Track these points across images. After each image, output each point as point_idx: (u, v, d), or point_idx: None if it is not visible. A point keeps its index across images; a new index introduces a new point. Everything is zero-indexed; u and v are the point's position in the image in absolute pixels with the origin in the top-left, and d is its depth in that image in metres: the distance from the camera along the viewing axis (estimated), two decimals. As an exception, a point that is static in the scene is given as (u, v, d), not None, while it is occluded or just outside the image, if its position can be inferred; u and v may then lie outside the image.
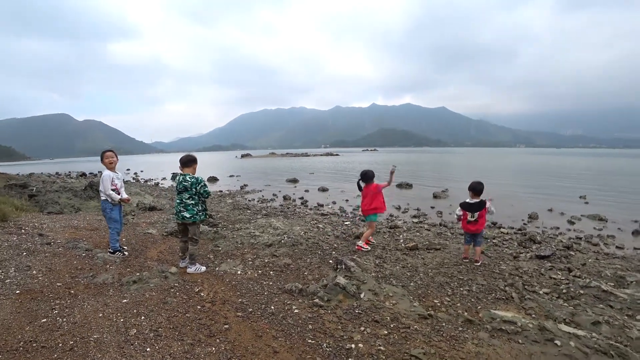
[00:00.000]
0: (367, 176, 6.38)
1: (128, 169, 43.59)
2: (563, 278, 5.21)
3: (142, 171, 39.78)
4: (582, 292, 4.69)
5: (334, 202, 14.30)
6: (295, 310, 3.67)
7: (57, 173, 38.07)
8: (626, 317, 4.03)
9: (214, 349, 2.92)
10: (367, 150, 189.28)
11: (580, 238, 8.82)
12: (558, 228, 9.94)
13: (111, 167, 5.25)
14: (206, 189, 4.77)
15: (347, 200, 14.74)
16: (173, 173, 29.90)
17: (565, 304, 4.36)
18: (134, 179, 29.01)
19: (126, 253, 5.43)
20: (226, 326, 3.29)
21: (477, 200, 5.56)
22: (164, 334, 3.11)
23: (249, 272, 4.83)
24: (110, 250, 5.28)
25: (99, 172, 35.50)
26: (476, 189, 5.56)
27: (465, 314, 3.87)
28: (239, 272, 4.81)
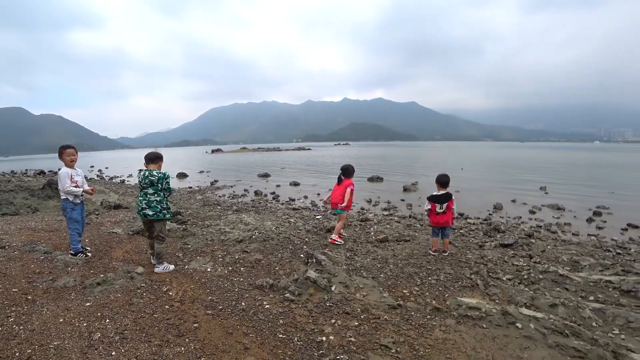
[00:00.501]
0: (347, 171, 6.45)
1: (92, 166, 41.67)
2: (524, 264, 5.48)
3: (107, 168, 38.17)
4: (541, 277, 4.95)
5: (306, 197, 14.32)
6: (266, 306, 3.66)
7: (12, 171, 35.84)
8: (580, 299, 4.30)
9: (183, 348, 2.87)
10: (339, 144, 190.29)
11: (541, 226, 9.30)
12: (520, 217, 10.43)
13: (71, 164, 5.01)
14: (170, 185, 4.71)
15: (318, 195, 14.80)
16: (140, 170, 28.88)
17: (526, 289, 4.59)
18: (98, 176, 27.80)
19: (89, 254, 5.19)
20: (196, 325, 3.24)
21: (444, 191, 5.72)
22: (130, 336, 3.02)
23: (219, 269, 4.76)
24: (71, 252, 5.03)
25: (59, 169, 33.73)
26: (441, 181, 5.74)
27: (434, 302, 3.99)
28: (208, 270, 4.73)
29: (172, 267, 4.74)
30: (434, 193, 5.80)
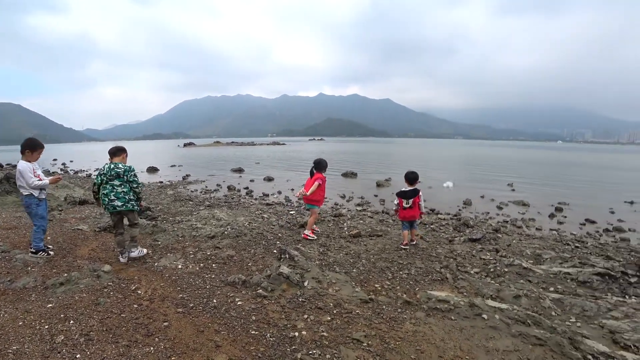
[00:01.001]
0: (320, 165, 6.41)
1: (55, 159, 39.57)
2: (491, 258, 5.70)
3: (71, 161, 36.40)
4: (506, 270, 5.16)
5: (280, 192, 14.25)
6: (239, 302, 3.63)
7: (-35, 164, 33.62)
8: (541, 290, 4.52)
9: (152, 348, 2.80)
10: (314, 139, 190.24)
11: (507, 222, 9.69)
12: (489, 213, 10.83)
13: (35, 160, 4.79)
14: (136, 178, 4.78)
15: (292, 190, 14.77)
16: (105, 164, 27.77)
17: (492, 282, 4.77)
18: (62, 170, 26.50)
19: (51, 253, 4.95)
20: (165, 324, 3.17)
21: (412, 188, 5.97)
22: (96, 337, 2.91)
23: (191, 266, 4.68)
24: (32, 250, 4.79)
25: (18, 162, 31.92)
26: (409, 177, 6.06)
27: (404, 296, 4.09)
28: (179, 267, 4.63)
29: (145, 250, 5.01)
30: (402, 189, 6.04)
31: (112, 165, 4.61)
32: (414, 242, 6.21)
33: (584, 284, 4.75)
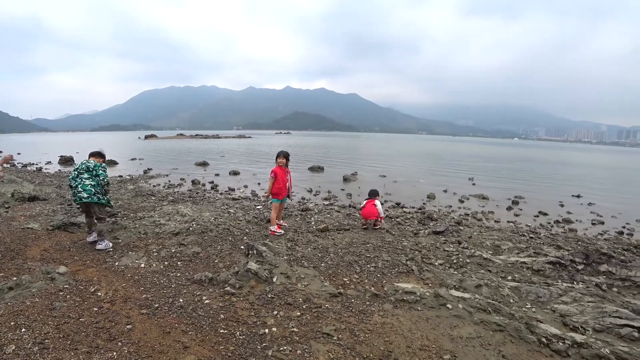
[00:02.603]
0: (277, 156, 6.44)
1: (0, 151, 36.63)
2: (454, 250, 5.93)
3: (19, 154, 33.82)
4: (468, 260, 5.39)
5: (246, 186, 14.04)
6: (206, 301, 3.54)
7: None
8: (500, 279, 4.76)
9: (115, 353, 2.67)
10: (281, 133, 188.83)
11: (468, 214, 10.11)
12: (451, 206, 11.24)
13: None
14: (104, 173, 5.14)
15: (259, 184, 14.59)
16: (61, 156, 26.10)
17: (455, 272, 4.97)
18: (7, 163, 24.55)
19: None
20: (129, 326, 3.03)
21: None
22: (52, 345, 2.73)
23: (154, 265, 4.50)
24: None
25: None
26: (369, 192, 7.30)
27: (372, 289, 4.17)
28: (142, 266, 4.45)
29: (111, 244, 5.11)
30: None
31: (85, 161, 5.12)
32: (377, 227, 7.05)
33: (538, 272, 5.05)
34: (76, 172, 5.03)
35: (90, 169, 5.05)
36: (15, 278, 3.83)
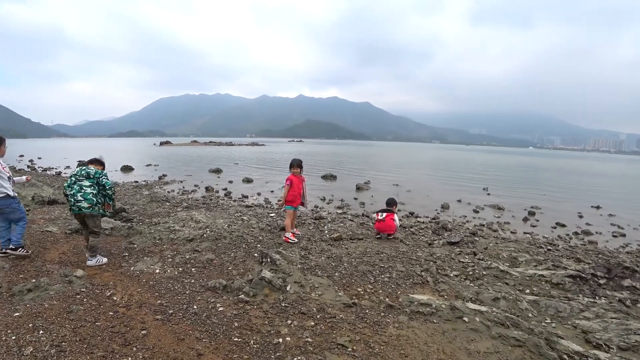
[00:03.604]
0: (291, 165, 6.45)
1: (21, 155, 37.63)
2: (469, 261, 5.81)
3: (39, 158, 34.75)
4: (484, 272, 5.28)
5: (259, 194, 14.09)
6: (220, 308, 3.54)
7: None
8: (518, 292, 4.65)
9: (130, 358, 2.68)
10: (293, 140, 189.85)
11: (483, 225, 9.93)
12: (466, 216, 11.07)
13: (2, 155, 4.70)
14: (108, 180, 4.76)
15: (272, 192, 14.64)
16: (79, 161, 26.74)
17: (471, 284, 4.87)
18: (29, 167, 25.25)
19: (29, 251, 4.83)
20: (144, 332, 3.04)
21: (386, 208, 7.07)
22: (68, 348, 2.76)
23: (169, 270, 4.53)
24: (11, 246, 4.63)
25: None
26: (387, 202, 7.27)
27: (387, 299, 4.10)
28: (157, 271, 4.48)
29: (105, 260, 4.72)
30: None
31: (84, 167, 4.65)
32: (392, 236, 6.96)
33: (557, 286, 4.91)
34: (74, 179, 4.54)
35: (91, 176, 4.58)
36: (34, 280, 3.91)
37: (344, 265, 5.18)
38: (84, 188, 4.47)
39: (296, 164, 6.35)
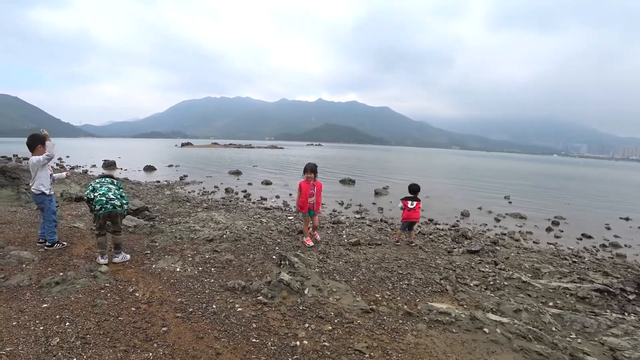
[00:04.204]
0: (303, 170, 6.30)
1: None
2: (490, 271, 5.68)
3: (68, 157, 36.11)
4: (506, 283, 5.15)
5: (277, 196, 14.19)
6: (239, 309, 3.57)
7: (-42, 155, 33.27)
8: (541, 304, 4.51)
9: (150, 354, 2.74)
10: (312, 144, 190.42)
11: (505, 234, 9.69)
12: (486, 225, 10.83)
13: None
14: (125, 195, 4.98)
15: (290, 195, 14.70)
16: (105, 160, 27.61)
17: (492, 295, 4.76)
18: (58, 165, 26.24)
19: (65, 243, 5.18)
20: (164, 329, 3.10)
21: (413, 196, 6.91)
22: (92, 341, 2.84)
23: (189, 269, 4.61)
24: (48, 244, 4.97)
25: (13, 155, 31.60)
26: (412, 188, 6.99)
27: (405, 307, 4.05)
28: (177, 270, 4.56)
29: (128, 256, 4.87)
30: (407, 196, 6.89)
31: (106, 178, 4.84)
32: (413, 244, 6.90)
33: (583, 300, 4.74)
34: (99, 184, 4.67)
35: (115, 183, 4.81)
36: (61, 273, 4.04)
37: (362, 271, 5.15)
38: (112, 189, 4.66)
39: (308, 169, 6.16)
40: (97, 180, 4.71)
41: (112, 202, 4.56)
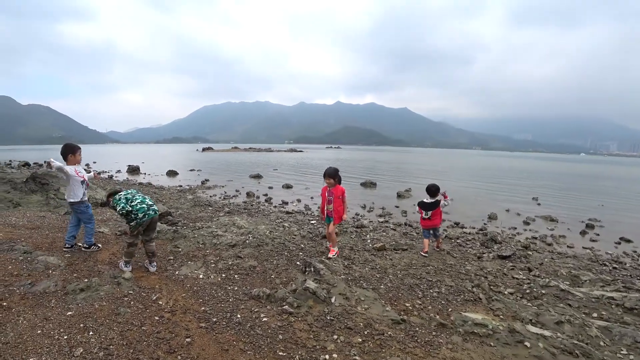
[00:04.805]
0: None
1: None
2: (524, 278, 5.38)
3: (94, 162, 37.30)
4: (543, 291, 4.84)
5: (299, 200, 14.08)
6: (264, 319, 3.42)
7: (-5, 162, 34.85)
8: (584, 315, 4.19)
9: (174, 367, 2.62)
10: (331, 147, 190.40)
11: (536, 238, 9.25)
12: (515, 228, 10.38)
13: (78, 162, 5.20)
14: None
15: (312, 198, 14.58)
16: (129, 165, 28.28)
17: (529, 304, 4.46)
18: (85, 170, 27.07)
19: (100, 245, 5.30)
20: (188, 339, 2.98)
21: (432, 200, 6.16)
22: (115, 352, 2.74)
23: (212, 276, 4.50)
24: (85, 245, 5.10)
25: (44, 162, 32.81)
26: (430, 189, 6.27)
27: (438, 317, 3.83)
28: (201, 276, 4.47)
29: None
30: (424, 200, 6.31)
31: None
32: (439, 249, 6.56)
33: (631, 311, 4.38)
34: (129, 194, 4.50)
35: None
36: (86, 280, 4.00)
37: (389, 278, 4.94)
38: (145, 197, 4.54)
39: (326, 174, 5.61)
40: (122, 194, 4.52)
41: (153, 207, 4.45)
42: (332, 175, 5.59)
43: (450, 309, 4.12)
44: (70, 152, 5.02)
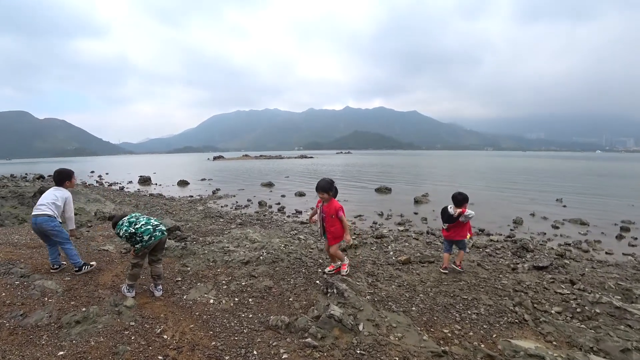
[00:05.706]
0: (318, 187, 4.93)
1: (92, 171, 41.09)
2: (569, 292, 4.80)
3: (107, 174, 37.51)
4: (596, 310, 4.25)
5: (312, 208, 13.59)
6: (284, 355, 2.94)
7: (11, 175, 35.26)
8: (651, 340, 3.60)
9: None
10: (341, 152, 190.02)
11: (569, 244, 8.59)
12: (545, 234, 9.71)
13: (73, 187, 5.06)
14: None
15: (326, 206, 14.10)
16: (141, 176, 28.26)
17: (583, 326, 3.89)
18: (97, 182, 27.11)
19: (94, 263, 4.99)
20: (196, 387, 2.53)
21: (453, 213, 5.20)
22: (108, 409, 2.30)
23: (224, 301, 4.04)
24: (75, 269, 4.71)
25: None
26: (457, 198, 5.26)
27: (482, 346, 3.30)
28: (211, 301, 4.01)
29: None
30: (448, 208, 5.32)
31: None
32: (459, 268, 5.43)
33: None
34: (133, 217, 4.15)
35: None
36: (84, 309, 3.59)
37: (420, 297, 4.41)
38: (146, 217, 4.19)
39: (319, 188, 4.85)
40: (125, 218, 4.13)
41: (159, 228, 4.07)
42: (326, 188, 4.78)
43: (494, 335, 3.58)
44: (67, 178, 4.84)
